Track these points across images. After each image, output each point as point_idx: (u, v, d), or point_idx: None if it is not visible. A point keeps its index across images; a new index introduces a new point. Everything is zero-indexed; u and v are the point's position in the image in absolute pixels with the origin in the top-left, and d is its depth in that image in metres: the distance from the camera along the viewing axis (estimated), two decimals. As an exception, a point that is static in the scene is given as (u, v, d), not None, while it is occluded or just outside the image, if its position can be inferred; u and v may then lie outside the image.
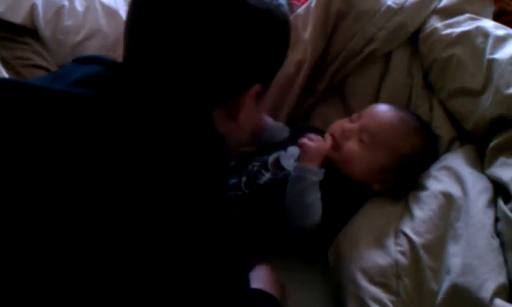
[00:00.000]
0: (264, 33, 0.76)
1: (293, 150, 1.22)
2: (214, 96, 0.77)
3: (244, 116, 0.82)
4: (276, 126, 1.32)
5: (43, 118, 0.68)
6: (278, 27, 0.79)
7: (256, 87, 0.80)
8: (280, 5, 0.79)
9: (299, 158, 1.16)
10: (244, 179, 1.18)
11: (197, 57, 0.73)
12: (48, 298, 0.64)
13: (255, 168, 1.19)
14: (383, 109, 1.23)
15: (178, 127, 0.73)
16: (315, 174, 1.12)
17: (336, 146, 1.18)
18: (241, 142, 0.93)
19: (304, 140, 1.16)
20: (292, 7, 1.49)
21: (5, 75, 1.41)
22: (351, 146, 1.17)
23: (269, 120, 1.31)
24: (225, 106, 0.80)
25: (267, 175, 1.17)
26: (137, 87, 0.73)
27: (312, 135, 1.18)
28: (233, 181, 1.18)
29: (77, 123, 0.68)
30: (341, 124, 1.22)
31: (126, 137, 0.69)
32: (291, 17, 1.38)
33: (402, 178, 1.17)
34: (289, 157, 1.21)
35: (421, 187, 1.13)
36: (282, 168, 1.19)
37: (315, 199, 1.10)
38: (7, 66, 1.47)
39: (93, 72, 0.74)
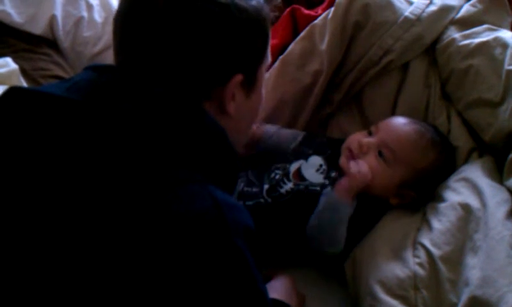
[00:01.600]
0: (231, 25, 0.79)
1: (314, 160, 1.21)
2: (198, 86, 0.80)
3: (235, 109, 0.84)
4: (279, 133, 1.31)
5: (50, 125, 0.70)
6: (247, 19, 0.81)
7: (238, 78, 0.82)
8: None
9: (339, 184, 1.12)
10: (266, 186, 1.18)
11: (175, 51, 0.78)
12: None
13: (278, 176, 1.19)
14: (401, 123, 1.22)
15: (173, 120, 0.74)
16: (350, 208, 1.10)
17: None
18: (240, 142, 0.94)
19: (354, 168, 1.13)
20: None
21: (25, 85, 1.43)
22: (370, 162, 1.15)
23: (271, 128, 1.31)
24: (213, 99, 0.82)
25: (289, 185, 1.17)
26: (131, 89, 0.75)
27: (359, 161, 1.15)
28: (255, 190, 1.18)
29: (80, 130, 0.70)
30: (358, 138, 1.20)
31: (125, 140, 0.70)
32: (309, 26, 1.39)
33: (420, 191, 1.16)
34: (310, 167, 1.20)
35: (439, 198, 1.13)
36: (303, 178, 1.18)
37: (344, 230, 1.09)
38: (27, 77, 1.48)
39: (102, 80, 0.77)
